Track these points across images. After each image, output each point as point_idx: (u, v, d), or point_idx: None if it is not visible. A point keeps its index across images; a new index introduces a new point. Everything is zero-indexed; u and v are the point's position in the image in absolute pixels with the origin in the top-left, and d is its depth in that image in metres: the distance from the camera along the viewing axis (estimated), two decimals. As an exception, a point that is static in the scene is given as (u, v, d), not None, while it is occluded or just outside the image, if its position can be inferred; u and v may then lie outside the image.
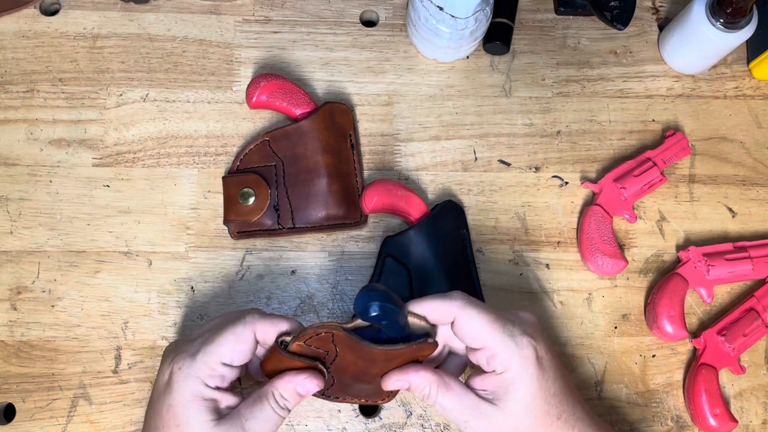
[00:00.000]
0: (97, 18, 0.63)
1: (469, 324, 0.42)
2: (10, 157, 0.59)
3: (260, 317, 0.44)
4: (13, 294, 0.55)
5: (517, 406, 0.42)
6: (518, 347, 0.42)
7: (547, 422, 0.42)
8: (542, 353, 0.42)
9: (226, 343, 0.42)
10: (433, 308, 0.43)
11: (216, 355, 0.42)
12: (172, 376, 0.42)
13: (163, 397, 0.42)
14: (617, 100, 0.64)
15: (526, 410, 0.42)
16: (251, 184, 0.57)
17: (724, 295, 0.59)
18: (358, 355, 0.44)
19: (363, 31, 0.65)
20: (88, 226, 0.57)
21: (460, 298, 0.43)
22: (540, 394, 0.42)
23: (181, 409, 0.41)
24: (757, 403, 0.57)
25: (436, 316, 0.44)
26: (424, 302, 0.44)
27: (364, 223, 0.59)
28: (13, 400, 0.53)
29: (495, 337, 0.42)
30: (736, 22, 0.58)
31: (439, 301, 0.43)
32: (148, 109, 0.61)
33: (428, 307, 0.44)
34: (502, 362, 0.42)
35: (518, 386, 0.42)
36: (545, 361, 0.42)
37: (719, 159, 0.63)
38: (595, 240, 0.57)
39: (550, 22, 0.67)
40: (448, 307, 0.43)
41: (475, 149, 0.62)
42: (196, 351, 0.42)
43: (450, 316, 0.43)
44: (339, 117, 0.60)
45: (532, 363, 0.42)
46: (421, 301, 0.44)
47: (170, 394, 0.42)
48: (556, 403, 0.43)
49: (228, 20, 0.64)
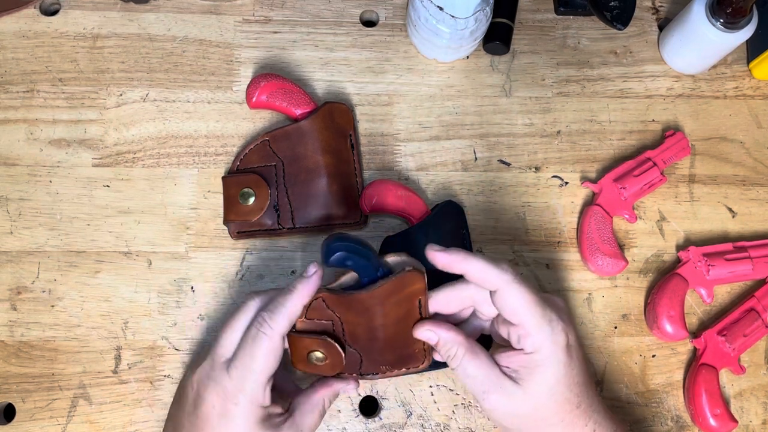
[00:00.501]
0: (97, 18, 0.63)
1: (512, 299, 0.42)
2: (10, 157, 0.59)
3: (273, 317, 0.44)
4: (13, 294, 0.55)
5: (540, 389, 0.42)
6: (553, 332, 0.42)
7: (567, 409, 0.43)
8: (572, 341, 0.43)
9: (265, 363, 0.43)
10: (482, 270, 0.43)
11: (262, 379, 0.43)
12: (230, 409, 0.43)
13: (219, 430, 0.43)
14: (617, 100, 0.64)
15: (549, 394, 0.42)
16: (251, 184, 0.57)
17: (724, 295, 0.59)
18: (356, 311, 0.45)
19: (363, 31, 0.65)
20: (88, 226, 0.57)
21: (510, 271, 0.42)
22: (564, 381, 0.42)
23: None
24: (757, 403, 0.57)
25: (480, 278, 0.43)
26: (473, 260, 0.43)
27: (364, 223, 0.59)
28: (13, 400, 0.53)
29: (534, 319, 0.42)
30: (736, 22, 0.58)
31: (490, 267, 0.42)
32: (148, 109, 0.61)
33: (476, 267, 0.43)
34: (534, 343, 0.42)
35: (545, 369, 0.42)
36: (574, 350, 0.43)
37: (719, 159, 0.63)
38: (595, 240, 0.57)
39: (550, 22, 0.67)
40: (497, 275, 0.42)
41: (475, 149, 0.62)
42: (242, 382, 0.43)
43: (495, 285, 0.42)
44: (339, 117, 0.60)
45: (563, 349, 0.42)
46: (470, 257, 0.43)
47: (231, 427, 0.43)
48: (578, 392, 0.43)
49: (228, 20, 0.64)
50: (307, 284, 0.44)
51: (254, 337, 0.43)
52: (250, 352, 0.43)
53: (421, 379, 0.55)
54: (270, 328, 0.43)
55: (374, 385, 0.55)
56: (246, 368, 0.43)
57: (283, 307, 0.44)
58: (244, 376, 0.43)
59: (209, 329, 0.56)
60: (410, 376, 0.55)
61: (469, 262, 0.43)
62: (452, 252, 0.43)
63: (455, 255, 0.43)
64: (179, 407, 0.46)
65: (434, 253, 0.43)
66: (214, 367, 0.44)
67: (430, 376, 0.55)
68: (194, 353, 0.55)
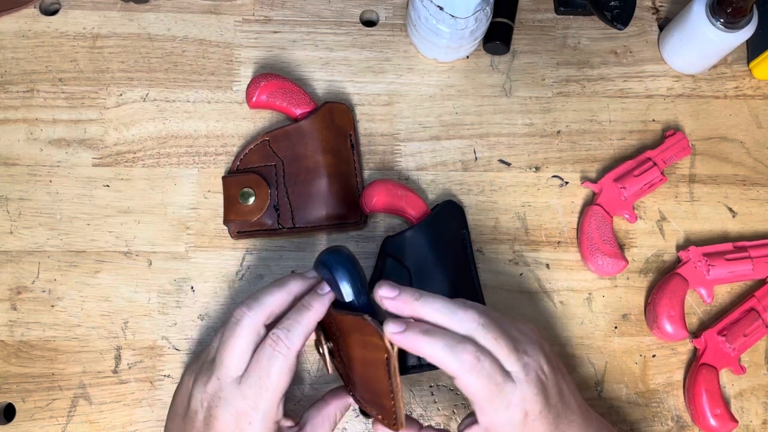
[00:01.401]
0: (97, 18, 0.63)
1: (467, 388, 0.41)
2: (10, 157, 0.59)
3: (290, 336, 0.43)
4: (13, 294, 0.55)
5: None
6: (508, 414, 0.41)
7: None
8: (534, 414, 0.41)
9: (280, 381, 0.43)
10: (439, 360, 0.40)
11: (277, 397, 0.43)
12: (244, 428, 0.42)
13: None
14: (617, 100, 0.64)
15: None
16: (251, 184, 0.57)
17: (724, 295, 0.59)
18: (332, 334, 0.46)
19: (363, 31, 0.65)
20: (88, 226, 0.57)
21: (468, 361, 0.40)
22: None
23: None
24: (757, 403, 0.57)
25: (438, 363, 0.41)
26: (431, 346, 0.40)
27: (364, 223, 0.59)
28: (13, 400, 0.53)
29: (488, 403, 0.41)
30: (736, 22, 0.58)
31: (448, 356, 0.40)
32: (148, 109, 0.61)
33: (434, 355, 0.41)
34: (490, 422, 0.41)
35: None
36: (536, 422, 0.42)
37: (719, 159, 0.63)
38: (595, 240, 0.57)
39: (550, 22, 0.67)
40: (455, 365, 0.40)
41: (475, 149, 0.62)
42: (257, 401, 0.42)
43: (452, 373, 0.41)
44: (339, 117, 0.60)
45: (518, 427, 0.41)
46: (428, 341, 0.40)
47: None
48: None
49: (228, 20, 0.64)
50: (322, 301, 0.44)
51: (270, 357, 0.42)
52: (266, 372, 0.42)
53: (421, 379, 0.55)
54: (286, 348, 0.42)
55: (374, 385, 0.55)
56: (261, 387, 0.42)
57: (299, 325, 0.43)
58: (258, 394, 0.42)
59: (209, 329, 0.56)
60: (410, 376, 0.55)
61: (423, 349, 0.41)
62: (408, 334, 0.40)
63: (412, 338, 0.40)
64: (184, 423, 0.45)
65: (391, 335, 0.41)
66: (223, 386, 0.43)
67: (430, 376, 0.55)
68: (192, 354, 0.55)
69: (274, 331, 0.43)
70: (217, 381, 0.43)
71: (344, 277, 0.44)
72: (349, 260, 0.44)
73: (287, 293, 0.45)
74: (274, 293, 0.45)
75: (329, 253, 0.45)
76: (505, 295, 0.58)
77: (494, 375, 0.40)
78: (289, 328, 0.43)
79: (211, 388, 0.43)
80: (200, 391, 0.44)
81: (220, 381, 0.43)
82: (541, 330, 0.57)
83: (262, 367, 0.42)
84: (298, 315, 0.44)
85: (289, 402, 0.54)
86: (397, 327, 0.41)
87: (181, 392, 0.46)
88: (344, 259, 0.44)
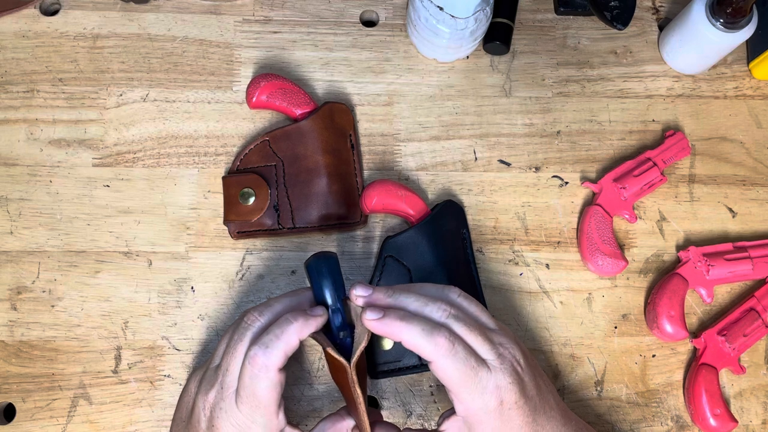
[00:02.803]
0: (97, 18, 0.63)
1: (442, 372, 0.41)
2: (10, 157, 0.59)
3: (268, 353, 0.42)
4: (13, 294, 0.55)
5: None
6: (484, 401, 0.41)
7: None
8: (510, 403, 0.42)
9: (270, 397, 0.42)
10: (415, 344, 0.41)
11: (271, 411, 0.42)
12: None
13: None
14: (617, 100, 0.64)
15: None
16: (251, 184, 0.57)
17: (724, 295, 0.59)
18: None
19: (363, 31, 0.65)
20: (88, 226, 0.57)
21: (443, 345, 0.41)
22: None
23: None
24: (757, 403, 0.57)
25: (414, 348, 0.42)
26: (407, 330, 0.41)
27: (364, 223, 0.59)
28: (13, 400, 0.53)
29: (463, 389, 0.41)
30: (736, 22, 0.58)
31: (423, 340, 0.40)
32: (148, 109, 0.61)
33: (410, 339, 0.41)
34: (465, 409, 0.42)
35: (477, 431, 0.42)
36: (512, 411, 0.42)
37: (719, 159, 0.63)
38: (595, 240, 0.57)
39: (550, 22, 0.67)
40: (430, 350, 0.41)
41: (475, 149, 0.62)
42: (253, 416, 0.42)
43: (428, 357, 0.41)
44: (339, 117, 0.60)
45: (494, 415, 0.41)
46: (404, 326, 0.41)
47: None
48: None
49: (228, 20, 0.64)
50: (308, 325, 0.43)
51: (251, 377, 0.41)
52: (251, 392, 0.41)
53: (421, 379, 0.55)
54: (265, 367, 0.41)
55: (375, 385, 0.55)
56: (252, 405, 0.42)
57: (279, 341, 0.41)
58: (252, 411, 0.42)
59: (209, 329, 0.56)
60: (410, 375, 0.55)
61: (401, 335, 0.41)
62: (386, 320, 0.41)
63: (389, 323, 0.41)
64: (188, 429, 0.45)
65: (368, 322, 0.41)
66: (224, 397, 0.42)
67: (430, 376, 0.55)
68: (193, 354, 0.55)
69: (252, 346, 0.41)
70: (220, 390, 0.43)
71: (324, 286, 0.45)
72: (330, 271, 0.45)
73: (299, 305, 0.45)
74: (287, 303, 0.45)
75: (315, 260, 0.46)
76: (505, 295, 0.58)
77: (468, 359, 0.41)
78: (268, 344, 0.41)
79: (213, 398, 0.43)
80: (203, 399, 0.43)
81: (222, 391, 0.43)
82: (541, 330, 0.57)
83: (246, 386, 0.41)
84: (279, 329, 0.42)
85: (290, 401, 0.54)
86: (374, 314, 0.41)
87: (185, 397, 0.46)
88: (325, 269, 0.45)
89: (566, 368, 0.56)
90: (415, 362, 0.54)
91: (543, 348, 0.57)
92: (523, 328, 0.57)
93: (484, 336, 0.42)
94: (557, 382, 0.56)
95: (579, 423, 0.47)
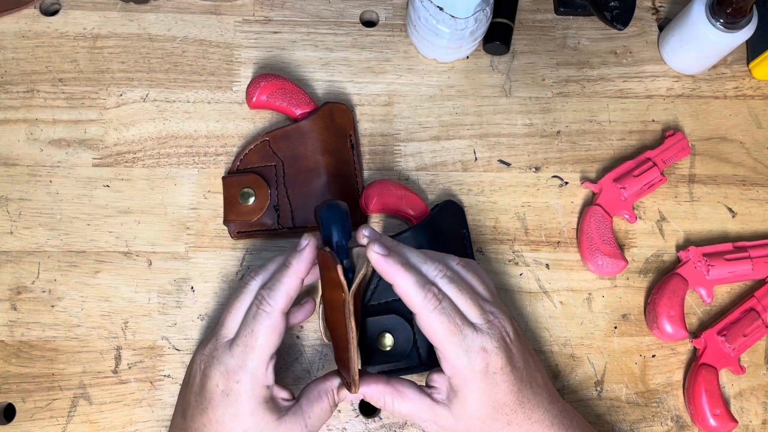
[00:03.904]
0: (97, 18, 0.63)
1: (428, 326, 0.43)
2: (10, 157, 0.59)
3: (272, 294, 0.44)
4: (13, 294, 0.55)
5: (464, 411, 0.44)
6: (469, 360, 0.42)
7: (495, 427, 0.44)
8: (495, 368, 0.43)
9: (267, 339, 0.44)
10: (405, 292, 0.43)
11: (264, 356, 0.44)
12: (233, 387, 0.43)
13: (224, 408, 0.43)
14: (617, 100, 0.64)
15: (475, 416, 0.43)
16: (251, 184, 0.57)
17: (724, 295, 0.59)
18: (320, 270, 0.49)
19: (363, 31, 0.65)
20: (88, 226, 0.57)
21: (432, 300, 0.42)
22: (487, 404, 0.43)
23: (249, 416, 0.43)
24: (757, 403, 0.57)
25: (403, 296, 0.43)
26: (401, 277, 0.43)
27: (364, 223, 0.59)
28: (13, 400, 0.53)
29: (450, 346, 0.43)
30: (736, 22, 0.58)
31: (414, 289, 0.43)
32: (148, 109, 0.61)
33: (402, 286, 0.43)
34: (451, 368, 0.43)
35: (465, 394, 0.43)
36: (497, 376, 0.43)
37: (719, 159, 0.63)
38: (595, 240, 0.57)
39: (550, 22, 0.67)
40: (419, 301, 0.42)
41: (475, 149, 0.62)
42: (244, 359, 0.43)
43: (414, 309, 0.43)
44: (339, 117, 0.60)
45: (480, 374, 0.42)
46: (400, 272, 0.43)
47: (235, 405, 0.43)
48: (507, 412, 0.43)
49: (228, 20, 0.64)
50: (301, 258, 0.45)
51: (255, 315, 0.44)
52: (251, 330, 0.43)
53: (421, 379, 0.55)
54: (269, 306, 0.44)
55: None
56: (247, 345, 0.43)
57: (280, 284, 0.45)
58: (245, 353, 0.43)
59: (209, 329, 0.56)
60: (410, 376, 0.55)
61: (396, 278, 0.43)
62: (390, 260, 0.43)
63: (391, 265, 0.43)
64: (187, 387, 0.46)
65: (372, 253, 0.43)
66: (218, 346, 0.44)
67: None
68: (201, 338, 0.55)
69: (259, 290, 0.45)
70: (215, 342, 0.45)
71: (329, 221, 0.46)
72: (338, 209, 0.46)
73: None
74: (280, 261, 0.47)
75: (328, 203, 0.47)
76: (505, 295, 0.58)
77: (454, 316, 0.42)
78: (271, 287, 0.44)
79: (208, 350, 0.45)
80: (200, 354, 0.45)
81: (216, 341, 0.45)
82: (541, 330, 0.57)
83: (248, 325, 0.44)
84: (279, 274, 0.45)
85: (286, 380, 0.54)
86: (381, 249, 0.43)
87: (189, 365, 0.48)
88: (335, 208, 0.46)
89: (566, 368, 0.56)
90: (416, 362, 0.54)
91: (543, 348, 0.57)
92: (523, 328, 0.57)
93: (474, 301, 0.44)
94: (557, 382, 0.56)
95: (566, 406, 0.48)
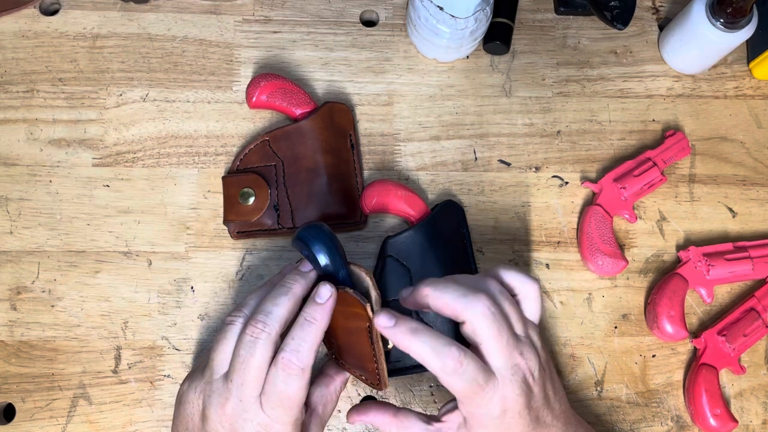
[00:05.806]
0: (97, 18, 0.63)
1: (448, 386, 0.41)
2: (10, 157, 0.59)
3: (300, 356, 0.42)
4: (13, 294, 0.55)
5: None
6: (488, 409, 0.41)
7: None
8: (513, 412, 0.42)
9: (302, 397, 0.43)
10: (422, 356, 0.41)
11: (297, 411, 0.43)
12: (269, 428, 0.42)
13: None
14: (617, 100, 0.64)
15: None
16: (251, 184, 0.57)
17: (724, 295, 0.59)
18: None
19: (363, 31, 0.65)
20: (88, 226, 0.57)
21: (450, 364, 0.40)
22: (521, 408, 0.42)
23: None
24: (757, 403, 0.57)
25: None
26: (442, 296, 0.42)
27: (364, 223, 0.59)
28: (13, 400, 0.53)
29: (468, 402, 0.41)
30: (736, 22, 0.58)
31: (430, 356, 0.41)
32: (148, 109, 0.61)
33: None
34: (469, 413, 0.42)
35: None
36: (513, 419, 0.42)
37: (719, 159, 0.63)
38: (595, 240, 0.57)
39: (550, 22, 0.67)
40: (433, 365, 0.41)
41: (475, 149, 0.62)
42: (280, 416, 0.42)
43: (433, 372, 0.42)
44: (339, 117, 0.60)
45: (495, 421, 0.42)
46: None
47: None
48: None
49: (228, 20, 0.64)
50: (325, 313, 0.43)
51: (286, 382, 0.41)
52: (286, 395, 0.41)
53: (421, 379, 0.55)
54: (299, 369, 0.41)
55: (374, 385, 0.55)
56: (284, 407, 0.42)
57: (306, 343, 0.42)
58: (283, 413, 0.42)
59: (209, 329, 0.56)
60: (410, 376, 0.55)
61: (411, 345, 0.41)
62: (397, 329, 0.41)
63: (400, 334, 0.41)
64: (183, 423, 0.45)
65: (381, 328, 0.42)
66: (246, 408, 0.42)
67: (430, 377, 0.55)
68: (193, 354, 0.55)
69: (283, 354, 0.42)
70: (239, 403, 0.42)
71: (321, 250, 0.43)
72: (326, 234, 0.44)
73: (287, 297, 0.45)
74: (261, 294, 0.45)
75: (305, 229, 0.44)
76: (505, 295, 0.58)
77: (477, 378, 0.41)
78: (298, 348, 0.42)
79: (231, 411, 0.42)
80: (219, 414, 0.43)
81: (242, 403, 0.42)
82: (541, 330, 0.57)
83: (279, 391, 0.41)
84: (303, 332, 0.42)
85: None
86: (388, 321, 0.42)
87: (188, 408, 0.45)
88: (321, 233, 0.44)
89: (566, 368, 0.56)
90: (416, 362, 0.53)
91: (543, 348, 0.57)
92: (523, 328, 0.57)
93: (504, 343, 0.42)
94: (557, 382, 0.56)
95: (582, 427, 0.47)
